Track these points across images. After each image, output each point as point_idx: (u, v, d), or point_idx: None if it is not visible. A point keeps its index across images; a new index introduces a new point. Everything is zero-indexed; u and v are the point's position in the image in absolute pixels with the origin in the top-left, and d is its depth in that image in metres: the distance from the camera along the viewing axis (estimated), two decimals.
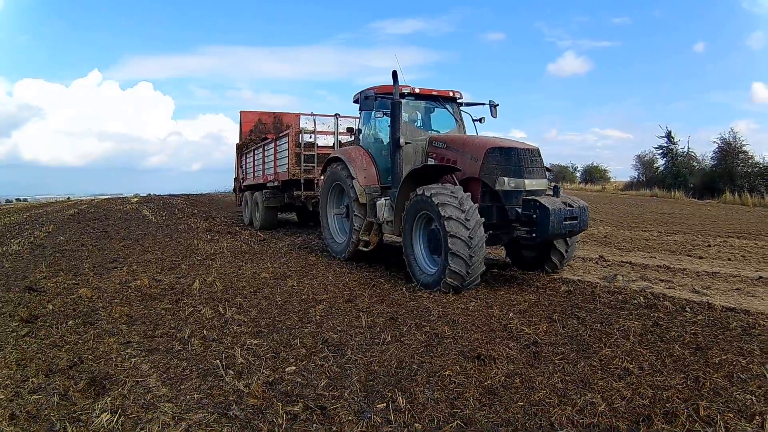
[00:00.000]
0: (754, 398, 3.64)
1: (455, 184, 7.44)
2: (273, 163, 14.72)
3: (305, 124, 14.04)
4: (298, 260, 9.55)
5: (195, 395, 3.70)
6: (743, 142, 35.46)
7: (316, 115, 14.11)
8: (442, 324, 5.37)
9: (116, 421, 3.27)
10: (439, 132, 9.28)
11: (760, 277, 8.24)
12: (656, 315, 5.85)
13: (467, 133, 9.36)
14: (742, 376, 4.08)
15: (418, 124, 9.40)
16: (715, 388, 3.84)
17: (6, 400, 3.66)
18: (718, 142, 36.15)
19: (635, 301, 6.48)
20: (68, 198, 40.38)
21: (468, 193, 6.93)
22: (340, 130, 13.38)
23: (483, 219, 6.77)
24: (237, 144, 19.12)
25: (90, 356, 4.49)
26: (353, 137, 10.79)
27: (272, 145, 14.84)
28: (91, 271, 8.43)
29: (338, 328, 5.28)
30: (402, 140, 8.05)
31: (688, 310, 6.10)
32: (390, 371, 4.13)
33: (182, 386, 3.87)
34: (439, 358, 4.40)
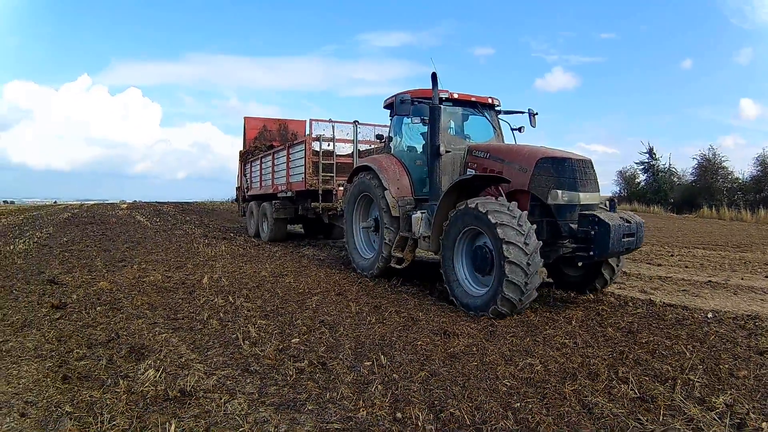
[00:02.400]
0: (670, 368, 4.40)
1: (500, 197, 6.80)
2: (285, 172, 13.67)
3: (323, 131, 12.78)
4: (292, 262, 10.36)
5: (220, 358, 4.51)
6: (723, 159, 36.12)
7: (334, 122, 12.92)
8: (417, 311, 6.31)
9: (160, 375, 4.04)
10: (474, 141, 8.48)
11: (709, 281, 8.82)
12: (600, 307, 6.71)
13: (506, 143, 8.62)
14: (664, 353, 4.85)
15: (453, 132, 8.64)
16: (637, 359, 4.64)
17: (55, 366, 4.31)
18: (698, 158, 36.88)
19: (584, 297, 7.35)
20: (55, 202, 40.72)
21: (514, 203, 6.36)
22: (361, 138, 12.67)
23: (535, 227, 6.21)
24: (240, 151, 18.06)
25: (124, 333, 5.24)
26: (383, 145, 10.06)
27: (284, 152, 13.87)
28: (104, 268, 9.12)
29: (332, 313, 6.14)
30: (442, 148, 7.57)
31: (630, 304, 6.95)
32: (374, 342, 5.03)
33: (208, 353, 4.67)
34: (414, 334, 5.32)
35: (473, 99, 8.55)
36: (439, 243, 7.05)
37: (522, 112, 8.84)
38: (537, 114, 8.73)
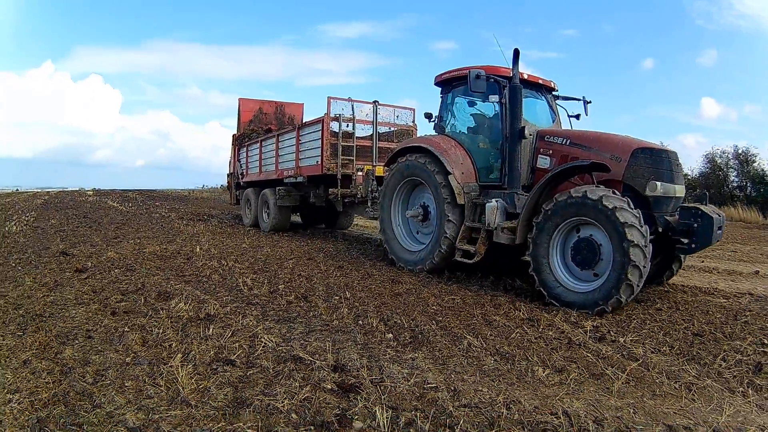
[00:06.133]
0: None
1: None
2: (294, 155, 12.51)
3: (341, 110, 11.55)
4: (266, 238, 11.95)
5: (228, 297, 6.06)
6: None
7: (353, 101, 11.65)
8: (372, 269, 8.08)
9: (187, 306, 5.51)
10: (536, 125, 7.62)
11: None
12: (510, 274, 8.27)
13: (577, 129, 7.94)
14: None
15: None
16: (532, 298, 6.46)
17: (101, 307, 5.59)
18: None
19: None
20: (17, 189, 40.24)
21: (627, 198, 5.91)
22: (380, 120, 11.88)
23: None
24: (234, 135, 16.96)
25: (148, 284, 6.62)
26: (433, 125, 8.73)
27: (292, 134, 12.75)
28: (103, 243, 10.30)
29: (305, 271, 7.77)
30: (527, 131, 6.95)
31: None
32: (340, 286, 6.72)
33: (218, 294, 6.20)
34: (369, 282, 7.08)
35: (540, 81, 7.95)
36: (526, 233, 6.61)
37: (577, 99, 8.46)
38: (591, 102, 8.42)
